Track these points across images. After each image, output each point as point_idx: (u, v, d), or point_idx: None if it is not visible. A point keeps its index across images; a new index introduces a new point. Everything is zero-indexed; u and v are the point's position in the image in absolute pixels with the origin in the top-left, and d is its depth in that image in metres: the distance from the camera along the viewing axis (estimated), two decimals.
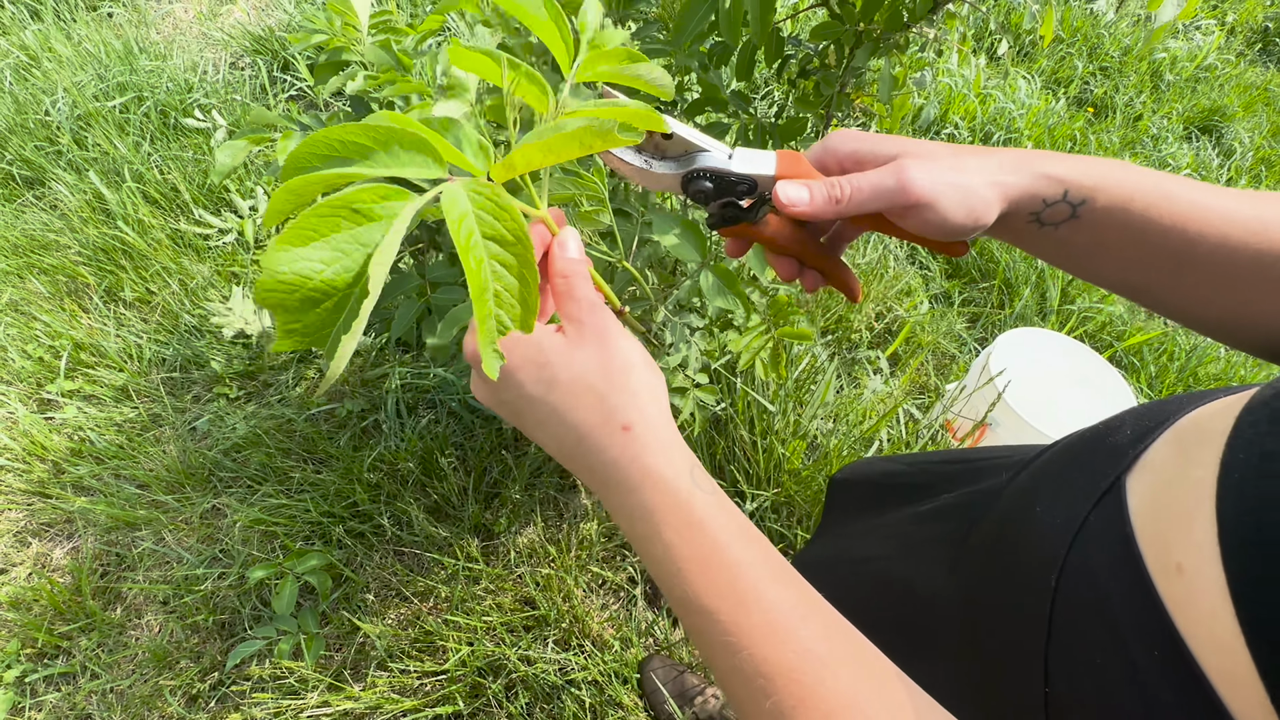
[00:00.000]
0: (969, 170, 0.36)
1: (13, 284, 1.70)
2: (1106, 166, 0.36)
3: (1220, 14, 3.32)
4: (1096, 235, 0.37)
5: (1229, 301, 0.36)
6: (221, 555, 1.32)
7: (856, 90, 0.92)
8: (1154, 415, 0.33)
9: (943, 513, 0.49)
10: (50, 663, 1.21)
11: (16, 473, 1.41)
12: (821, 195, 0.37)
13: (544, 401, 0.31)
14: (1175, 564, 0.26)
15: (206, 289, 1.72)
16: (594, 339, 0.32)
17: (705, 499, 0.30)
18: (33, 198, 1.90)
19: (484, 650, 1.18)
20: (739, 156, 0.40)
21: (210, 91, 2.16)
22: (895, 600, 0.47)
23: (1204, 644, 0.24)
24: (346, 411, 1.50)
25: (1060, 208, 0.37)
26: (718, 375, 1.38)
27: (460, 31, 2.32)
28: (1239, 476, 0.24)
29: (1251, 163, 2.57)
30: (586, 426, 0.31)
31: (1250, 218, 0.34)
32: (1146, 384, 1.77)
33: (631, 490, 0.30)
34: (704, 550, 0.29)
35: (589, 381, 0.31)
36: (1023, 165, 0.37)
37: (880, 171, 0.37)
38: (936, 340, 1.77)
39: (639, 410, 0.31)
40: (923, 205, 0.36)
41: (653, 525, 0.30)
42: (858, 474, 0.63)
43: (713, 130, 0.93)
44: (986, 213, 0.36)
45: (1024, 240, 0.39)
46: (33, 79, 2.11)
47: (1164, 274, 0.37)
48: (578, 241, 0.35)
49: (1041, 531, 0.33)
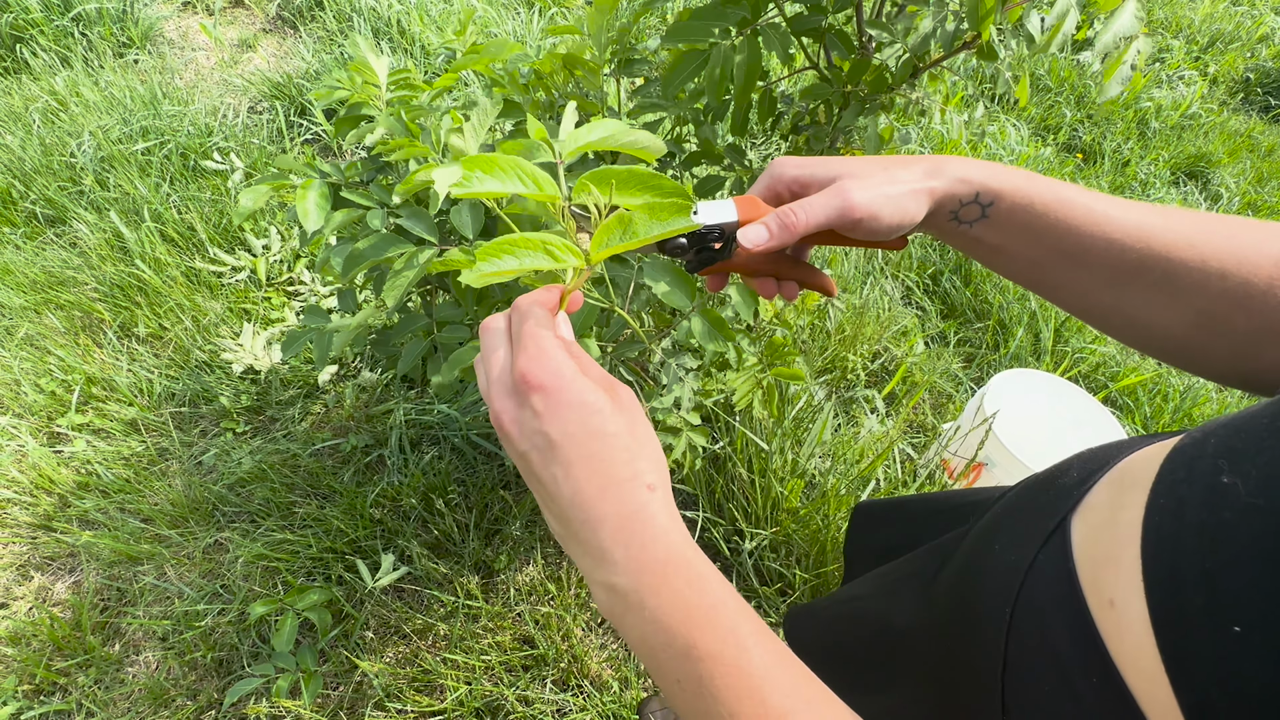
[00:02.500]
0: (899, 181, 0.42)
1: (30, 319, 1.75)
2: (1012, 173, 0.42)
3: (1202, 65, 3.45)
4: (1004, 233, 0.42)
5: (1116, 300, 0.40)
6: (222, 590, 1.33)
7: (846, 145, 0.97)
8: (1097, 459, 0.36)
9: (919, 556, 0.52)
10: (46, 700, 1.20)
11: (23, 506, 1.43)
12: (777, 227, 0.43)
13: (583, 445, 0.33)
14: (1109, 599, 0.28)
15: (218, 325, 1.76)
16: (629, 406, 0.35)
17: (702, 559, 0.33)
18: (53, 235, 1.97)
19: (482, 690, 1.18)
20: (703, 210, 0.44)
21: (229, 135, 2.25)
22: (875, 631, 0.50)
23: (1135, 673, 0.26)
24: (351, 446, 1.52)
25: (972, 207, 0.42)
26: (715, 415, 1.40)
27: (469, 79, 2.43)
28: (1158, 520, 0.27)
29: (1239, 207, 2.63)
30: (612, 480, 0.33)
31: (1135, 224, 0.39)
32: (1142, 425, 1.79)
33: (644, 546, 0.32)
34: (710, 599, 0.31)
35: (626, 441, 0.33)
36: (942, 170, 0.42)
37: (824, 195, 0.42)
38: (933, 380, 1.79)
39: (659, 476, 0.34)
40: (864, 219, 0.41)
41: (663, 577, 0.32)
42: (860, 545, 0.67)
43: (709, 183, 0.98)
44: (916, 214, 0.42)
45: (947, 235, 0.45)
46: (60, 123, 2.20)
47: (1061, 271, 0.41)
48: (569, 324, 0.39)
49: (998, 569, 0.36)
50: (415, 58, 2.60)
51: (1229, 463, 0.25)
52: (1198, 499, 0.25)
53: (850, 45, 0.85)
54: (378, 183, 0.80)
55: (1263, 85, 3.41)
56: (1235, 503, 0.24)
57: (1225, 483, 0.25)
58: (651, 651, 0.32)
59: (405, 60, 2.59)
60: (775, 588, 1.34)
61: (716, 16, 0.71)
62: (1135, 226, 0.39)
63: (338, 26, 2.69)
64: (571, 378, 0.33)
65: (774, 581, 1.34)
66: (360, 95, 0.91)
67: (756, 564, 1.35)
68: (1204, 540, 0.24)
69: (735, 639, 0.30)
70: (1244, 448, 0.25)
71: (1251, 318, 0.36)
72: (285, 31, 2.81)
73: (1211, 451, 0.27)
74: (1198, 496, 0.26)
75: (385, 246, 0.69)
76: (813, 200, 0.42)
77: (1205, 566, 0.24)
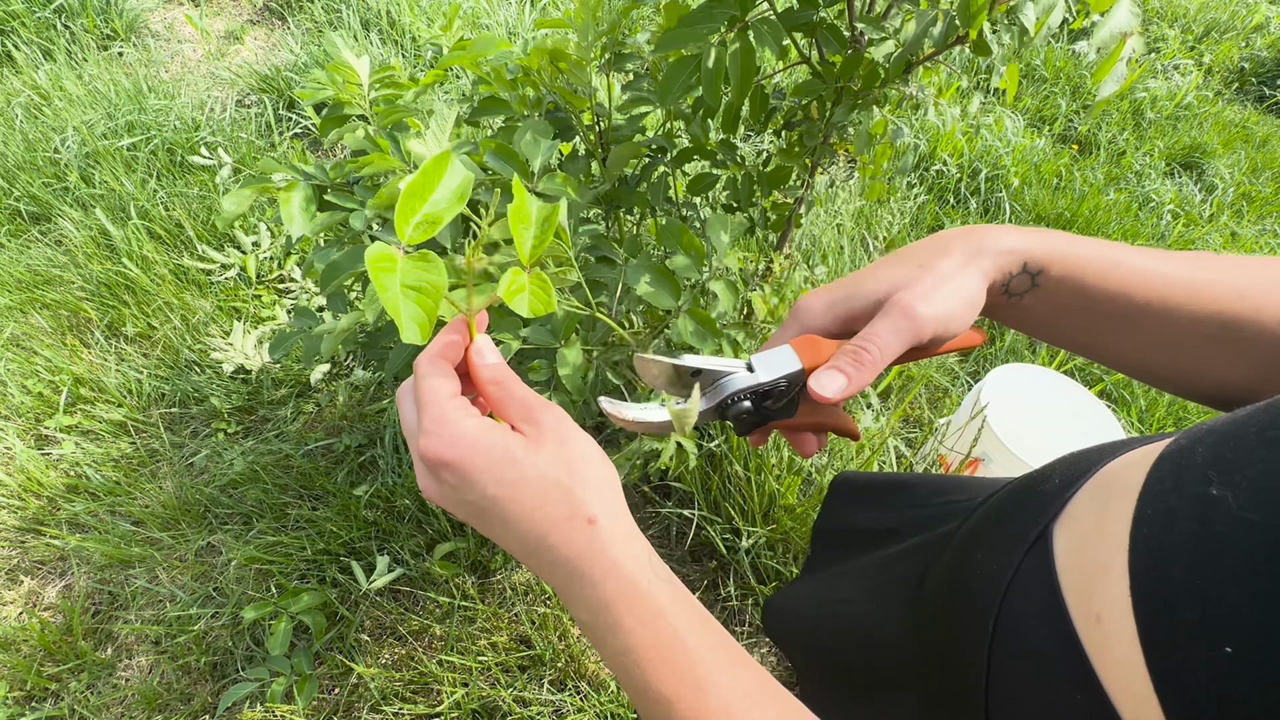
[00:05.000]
0: (950, 275, 0.39)
1: (15, 319, 1.73)
2: (1052, 236, 0.40)
3: (1197, 54, 3.43)
4: (1054, 302, 0.40)
5: (1173, 358, 0.39)
6: (215, 594, 1.32)
7: (839, 141, 0.96)
8: (1079, 464, 0.35)
9: (906, 555, 0.51)
10: (39, 705, 1.20)
11: (11, 509, 1.41)
12: (854, 371, 0.38)
13: (510, 500, 0.32)
14: (1095, 614, 0.27)
15: (208, 324, 1.74)
16: (553, 435, 0.33)
17: (664, 588, 0.32)
18: (38, 233, 1.94)
19: (478, 692, 1.18)
20: (759, 364, 0.39)
21: (217, 129, 2.22)
22: (861, 638, 0.49)
23: (1121, 690, 0.25)
24: (344, 446, 1.51)
25: (1022, 279, 0.40)
26: None
27: (460, 70, 2.39)
28: (1146, 531, 0.26)
29: (1233, 198, 2.63)
30: (550, 522, 0.32)
31: (1185, 280, 0.37)
32: (1137, 418, 1.79)
33: (595, 584, 0.31)
34: (665, 638, 0.30)
35: (555, 477, 0.32)
36: (983, 247, 0.39)
37: (889, 322, 0.38)
38: (929, 375, 1.79)
39: (603, 503, 0.33)
40: (938, 333, 0.38)
41: (614, 616, 0.31)
42: (838, 523, 0.65)
43: (701, 180, 0.96)
44: (979, 303, 0.39)
45: (997, 312, 0.42)
46: (43, 118, 2.16)
47: (1115, 334, 0.40)
48: (493, 347, 0.37)
49: (981, 577, 0.35)
50: (405, 49, 2.56)
51: (1218, 474, 0.25)
52: (1187, 511, 0.25)
53: (842, 40, 0.84)
54: (362, 184, 0.78)
55: (1257, 75, 3.40)
56: (1226, 516, 0.23)
57: (1215, 495, 0.24)
58: (623, 683, 0.31)
59: (395, 53, 2.55)
60: (772, 585, 1.34)
61: (705, 20, 0.69)
62: (1185, 281, 0.37)
63: (326, 18, 2.65)
64: (473, 441, 0.32)
65: (771, 579, 1.34)
66: (343, 95, 0.89)
67: (753, 562, 1.35)
68: (1195, 555, 0.24)
69: (693, 679, 0.30)
70: (1234, 458, 0.25)
71: None
72: (273, 23, 2.77)
73: (1200, 461, 0.26)
74: (1187, 508, 0.25)
75: (362, 256, 0.68)
76: (879, 332, 0.38)
77: (1197, 583, 0.23)
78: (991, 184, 2.40)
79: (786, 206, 1.10)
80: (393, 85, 0.92)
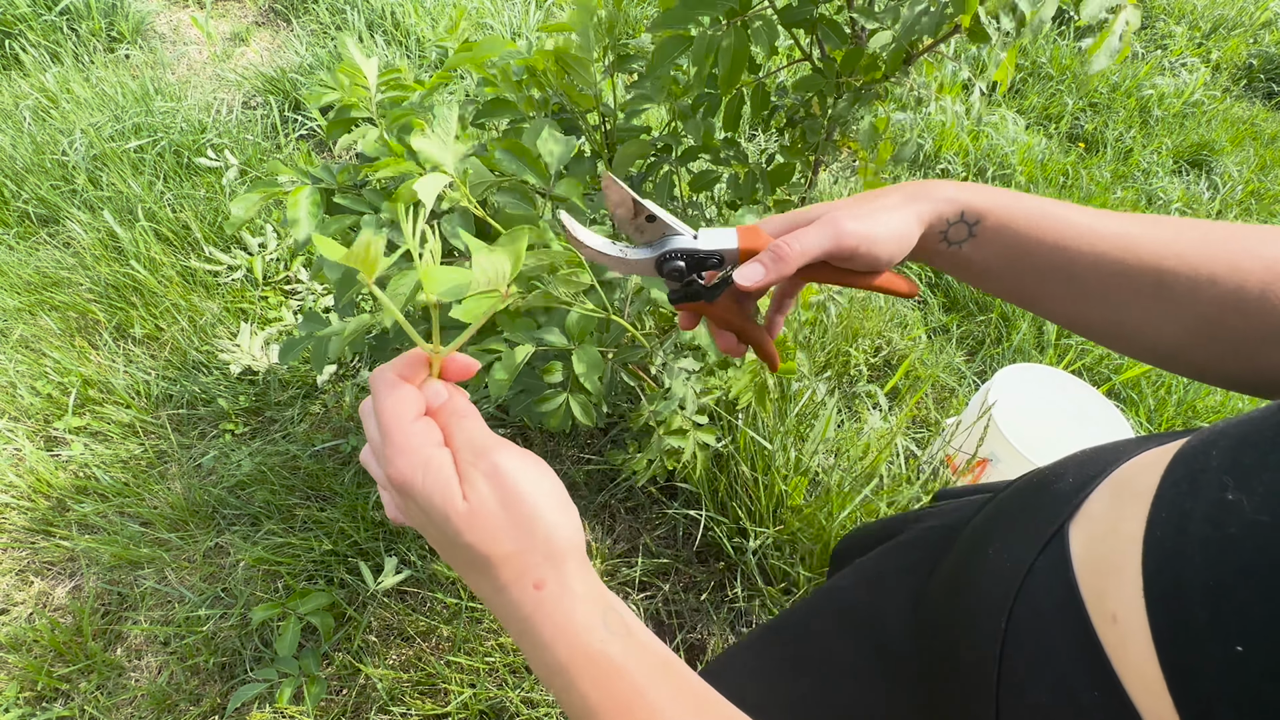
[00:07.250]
0: (888, 208, 0.42)
1: (24, 321, 1.73)
2: (996, 192, 0.42)
3: (1205, 51, 3.41)
4: (991, 251, 0.42)
5: (1108, 312, 0.40)
6: (224, 594, 1.32)
7: (842, 136, 0.95)
8: (1094, 464, 0.35)
9: (912, 543, 0.51)
10: (49, 706, 1.20)
11: (21, 510, 1.42)
12: (771, 261, 0.42)
13: (457, 562, 0.33)
14: (1111, 613, 0.28)
15: (215, 326, 1.75)
16: (491, 493, 0.31)
17: (619, 644, 0.31)
18: (46, 235, 1.95)
19: (486, 692, 1.18)
20: (703, 236, 0.44)
21: (223, 131, 2.22)
22: (865, 632, 0.49)
23: (1138, 688, 0.26)
24: (351, 447, 1.51)
25: (959, 227, 0.42)
26: (717, 414, 1.39)
27: (466, 71, 2.39)
28: (1160, 533, 0.26)
29: (1241, 195, 2.61)
30: (501, 581, 0.31)
31: (1116, 234, 0.39)
32: (1145, 417, 1.78)
33: (545, 647, 0.31)
34: (623, 697, 0.30)
35: (498, 540, 0.31)
36: (926, 192, 0.43)
37: (816, 226, 0.42)
38: (936, 375, 1.78)
39: (553, 565, 0.32)
40: (859, 245, 0.41)
41: (568, 679, 0.30)
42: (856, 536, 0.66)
43: (704, 178, 0.96)
44: (909, 236, 0.42)
45: (937, 259, 0.45)
46: (51, 120, 2.17)
47: (1051, 286, 0.41)
48: (446, 386, 0.35)
49: (993, 574, 0.35)
50: (410, 51, 2.57)
51: (1234, 478, 0.25)
52: (1201, 513, 0.25)
53: (842, 35, 0.84)
54: (371, 187, 0.78)
55: (1266, 71, 3.37)
56: (1240, 519, 0.24)
57: (1230, 499, 0.25)
58: None
59: (399, 54, 2.55)
60: (780, 586, 1.33)
61: (706, 5, 0.70)
62: (1117, 236, 0.39)
63: (331, 19, 2.65)
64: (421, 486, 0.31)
65: (779, 580, 1.34)
66: (350, 98, 0.89)
67: (760, 563, 1.35)
68: (1208, 556, 0.24)
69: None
70: (1250, 462, 0.25)
71: (1248, 321, 0.36)
72: (278, 24, 2.78)
73: (1216, 465, 0.26)
74: (1201, 511, 0.25)
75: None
76: (805, 231, 0.42)
77: (1209, 583, 0.24)
78: (997, 183, 2.39)
79: (790, 204, 1.09)
80: (399, 87, 0.92)
